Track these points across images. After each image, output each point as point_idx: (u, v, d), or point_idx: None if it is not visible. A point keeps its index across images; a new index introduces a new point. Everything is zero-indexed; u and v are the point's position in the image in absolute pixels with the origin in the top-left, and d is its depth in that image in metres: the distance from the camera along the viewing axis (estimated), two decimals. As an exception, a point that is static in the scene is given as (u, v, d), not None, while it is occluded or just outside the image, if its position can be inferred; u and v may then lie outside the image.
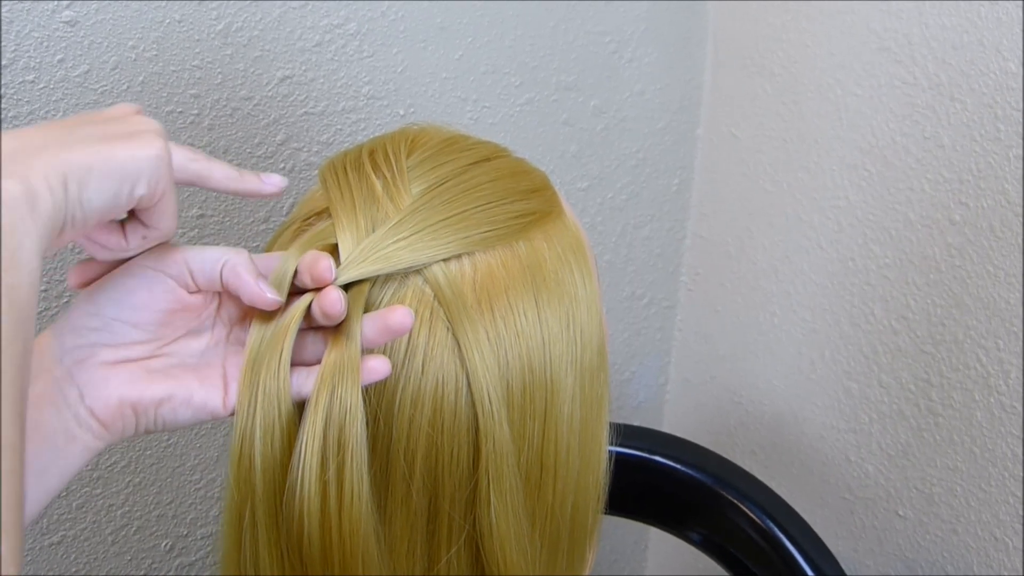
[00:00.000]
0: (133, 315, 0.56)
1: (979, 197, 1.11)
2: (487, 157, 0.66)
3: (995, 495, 1.17)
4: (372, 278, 0.58)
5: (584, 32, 1.25)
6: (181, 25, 0.93)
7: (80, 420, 0.55)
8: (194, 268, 0.57)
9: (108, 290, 0.56)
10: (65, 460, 0.55)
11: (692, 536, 1.18)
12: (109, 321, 0.56)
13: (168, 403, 0.57)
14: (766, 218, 1.39)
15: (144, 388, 0.56)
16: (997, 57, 1.07)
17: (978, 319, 1.14)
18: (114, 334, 0.56)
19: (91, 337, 0.55)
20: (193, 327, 0.60)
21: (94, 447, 0.56)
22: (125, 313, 0.56)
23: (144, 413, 0.57)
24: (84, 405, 0.55)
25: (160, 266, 0.57)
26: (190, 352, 0.60)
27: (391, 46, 1.08)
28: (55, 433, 0.54)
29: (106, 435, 0.56)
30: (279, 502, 0.57)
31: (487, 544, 0.61)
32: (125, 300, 0.56)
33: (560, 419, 0.63)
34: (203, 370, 0.59)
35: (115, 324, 0.56)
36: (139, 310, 0.56)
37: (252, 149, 1.01)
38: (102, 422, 0.56)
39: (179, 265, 0.57)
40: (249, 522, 0.58)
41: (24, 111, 0.86)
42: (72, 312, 0.56)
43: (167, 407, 0.57)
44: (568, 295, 0.63)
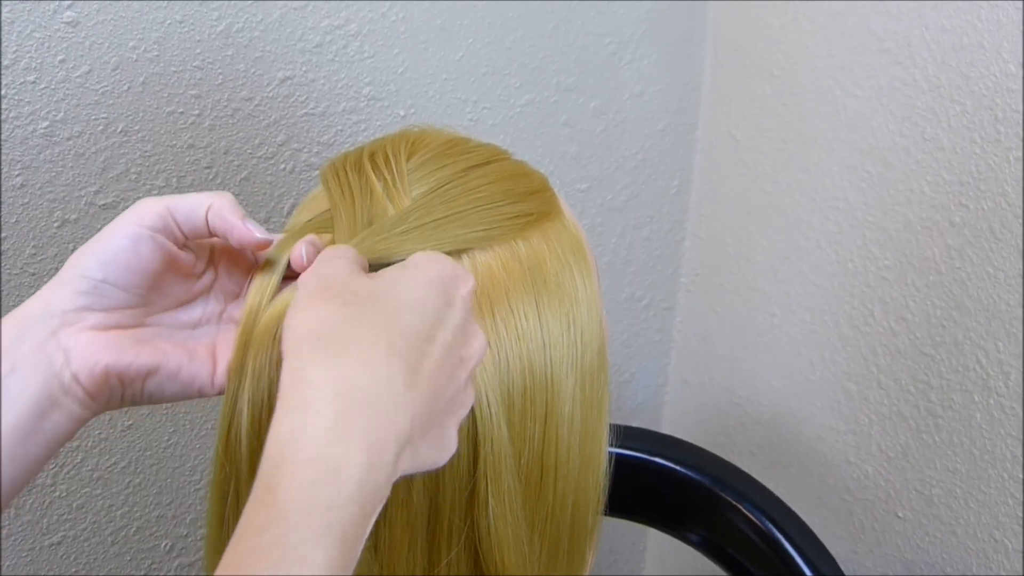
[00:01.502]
0: (121, 277, 0.55)
1: (979, 199, 1.11)
2: (487, 160, 0.66)
3: (994, 497, 1.17)
4: None
5: (584, 33, 1.25)
6: (182, 26, 0.93)
7: (65, 387, 0.54)
8: (179, 217, 0.56)
9: (95, 253, 0.55)
10: (51, 427, 0.54)
11: (691, 537, 1.18)
12: (97, 284, 0.54)
13: (155, 375, 0.56)
14: (765, 219, 1.39)
15: (132, 357, 0.55)
16: (997, 59, 1.07)
17: (978, 321, 1.14)
18: (103, 297, 0.55)
19: (79, 300, 0.54)
20: (184, 298, 0.60)
21: (80, 416, 0.55)
22: (113, 275, 0.55)
23: (130, 384, 0.56)
24: (69, 370, 0.54)
25: (144, 221, 0.55)
26: (181, 325, 0.59)
27: (392, 47, 1.08)
28: (40, 398, 0.53)
29: (92, 404, 0.55)
30: None
31: (485, 545, 0.61)
32: (112, 262, 0.54)
33: (560, 421, 0.63)
34: (193, 346, 0.59)
35: (103, 287, 0.54)
36: (127, 272, 0.55)
37: (253, 150, 1.01)
38: (87, 390, 0.54)
39: (163, 217, 0.56)
40: (232, 500, 0.58)
41: (25, 111, 0.87)
42: (61, 275, 0.55)
43: (154, 380, 0.56)
44: (569, 297, 0.63)
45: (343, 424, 0.45)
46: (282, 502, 0.43)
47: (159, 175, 0.96)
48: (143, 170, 0.95)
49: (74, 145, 0.90)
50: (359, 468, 0.44)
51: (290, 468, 0.43)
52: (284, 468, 0.43)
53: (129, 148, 0.93)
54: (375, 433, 0.46)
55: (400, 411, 0.47)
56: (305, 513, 0.42)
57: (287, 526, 0.42)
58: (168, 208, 0.56)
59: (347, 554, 0.44)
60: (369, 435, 0.45)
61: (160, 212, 0.55)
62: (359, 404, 0.46)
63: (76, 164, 0.91)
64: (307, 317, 0.49)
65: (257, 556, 0.41)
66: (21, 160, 0.88)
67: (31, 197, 0.89)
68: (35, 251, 0.91)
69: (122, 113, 0.92)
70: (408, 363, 0.49)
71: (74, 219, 0.92)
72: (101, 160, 0.92)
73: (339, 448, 0.44)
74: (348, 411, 0.45)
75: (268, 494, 0.43)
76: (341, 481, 0.44)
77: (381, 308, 0.50)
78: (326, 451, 0.44)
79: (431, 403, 0.50)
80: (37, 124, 0.88)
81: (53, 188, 0.90)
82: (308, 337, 0.48)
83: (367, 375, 0.47)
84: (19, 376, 0.53)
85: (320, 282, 0.52)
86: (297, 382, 0.46)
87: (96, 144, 0.91)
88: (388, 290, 0.52)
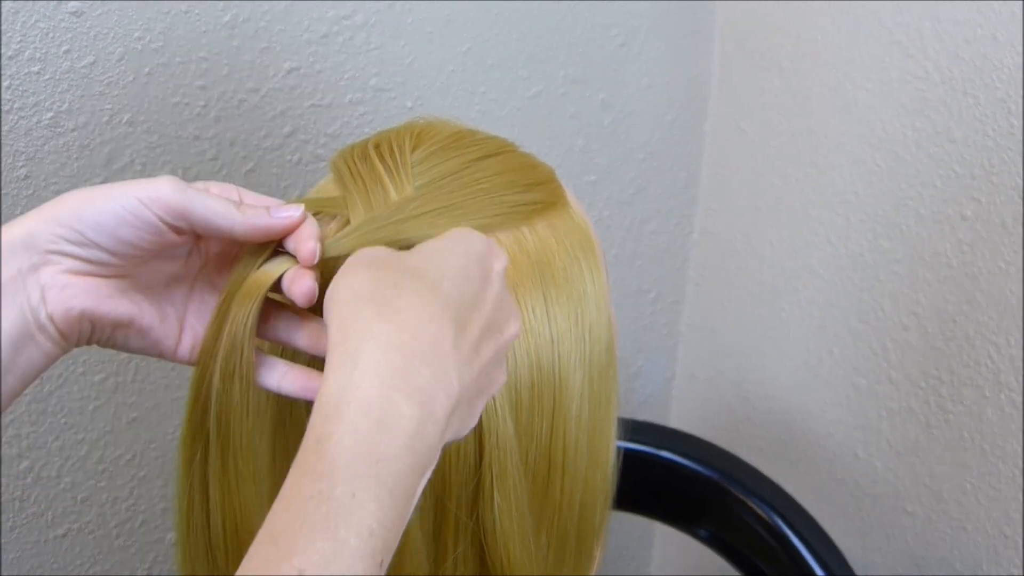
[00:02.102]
0: (114, 245, 0.54)
1: (991, 193, 1.11)
2: (493, 151, 0.66)
3: (1005, 492, 1.17)
4: None
5: (592, 26, 1.25)
6: (187, 16, 0.92)
7: (40, 324, 0.53)
8: (194, 219, 0.55)
9: (96, 212, 0.53)
10: (24, 361, 0.53)
11: (698, 532, 1.19)
12: (89, 242, 0.53)
13: (125, 328, 0.56)
14: (774, 213, 1.39)
15: (108, 307, 0.55)
16: (1010, 52, 1.06)
17: (989, 315, 1.14)
18: (90, 252, 0.54)
19: (65, 247, 0.53)
20: (167, 262, 0.59)
21: (51, 353, 0.55)
22: (107, 242, 0.54)
23: (101, 329, 0.56)
24: (45, 310, 0.53)
25: (156, 208, 0.54)
26: (158, 275, 0.58)
27: (398, 38, 1.07)
28: (18, 332, 0.52)
29: (63, 343, 0.55)
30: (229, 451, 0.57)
31: (490, 542, 0.60)
32: (110, 233, 0.53)
33: (568, 416, 0.62)
34: (165, 306, 0.58)
35: (93, 248, 0.54)
36: (122, 243, 0.54)
37: (259, 141, 1.01)
38: (60, 330, 0.54)
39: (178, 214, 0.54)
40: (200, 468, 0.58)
41: (29, 102, 0.86)
42: (54, 207, 0.54)
43: (122, 331, 0.56)
44: (577, 292, 0.63)
45: (395, 377, 0.45)
46: (333, 453, 0.43)
47: (164, 166, 0.95)
48: (148, 161, 0.94)
49: (79, 136, 0.90)
50: (411, 421, 0.45)
51: (342, 420, 0.44)
52: (335, 420, 0.44)
53: (134, 139, 0.93)
54: (427, 387, 0.46)
55: (451, 369, 0.47)
56: (356, 464, 0.43)
57: (338, 477, 0.42)
58: (186, 207, 0.54)
59: (399, 510, 0.44)
60: (421, 388, 0.45)
61: (176, 208, 0.54)
62: (411, 357, 0.46)
63: (81, 155, 0.91)
64: (354, 281, 0.49)
65: (310, 505, 0.42)
66: (25, 151, 0.87)
67: (35, 188, 0.89)
68: (39, 243, 0.91)
69: (127, 104, 0.92)
70: (457, 322, 0.49)
71: (79, 211, 0.92)
72: (106, 151, 0.92)
73: (391, 400, 0.44)
74: (400, 364, 0.45)
75: (318, 445, 0.43)
76: (394, 434, 0.44)
77: (424, 275, 0.50)
78: (378, 403, 0.44)
79: (474, 372, 0.50)
80: (42, 115, 0.87)
81: (58, 179, 0.90)
82: (356, 299, 0.48)
83: (419, 331, 0.47)
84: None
85: (362, 257, 0.52)
86: (347, 338, 0.46)
87: (101, 135, 0.91)
88: (429, 260, 0.52)
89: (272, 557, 0.41)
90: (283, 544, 0.41)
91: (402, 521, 0.45)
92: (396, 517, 0.44)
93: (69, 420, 0.99)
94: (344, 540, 0.41)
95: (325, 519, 0.41)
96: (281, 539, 0.42)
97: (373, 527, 0.42)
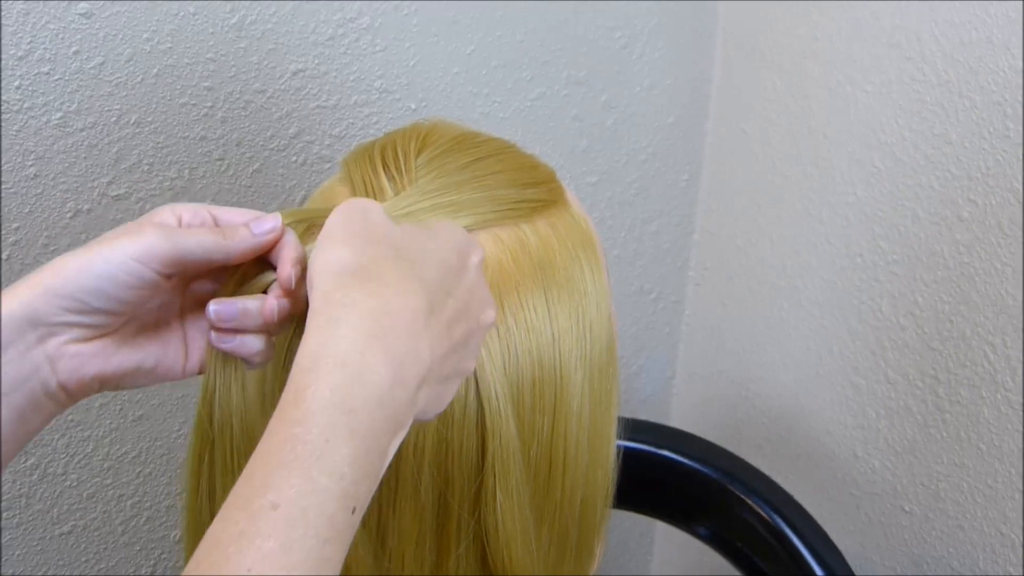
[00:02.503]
0: (116, 307, 0.54)
1: (987, 194, 1.11)
2: (494, 151, 0.66)
3: (1001, 491, 1.17)
4: None
5: (595, 27, 1.25)
6: (195, 18, 0.93)
7: (50, 394, 0.54)
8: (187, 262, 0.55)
9: (94, 283, 0.53)
10: (26, 428, 0.54)
11: (698, 530, 1.19)
12: (93, 310, 0.54)
13: (132, 375, 0.57)
14: (774, 213, 1.39)
15: (117, 362, 0.56)
16: (1006, 54, 1.07)
17: (986, 316, 1.15)
18: (94, 319, 0.54)
19: (70, 318, 0.53)
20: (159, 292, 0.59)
21: (55, 413, 0.56)
22: (110, 305, 0.54)
23: (109, 383, 0.57)
24: (56, 379, 0.54)
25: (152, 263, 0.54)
26: (151, 313, 0.58)
27: (403, 40, 1.08)
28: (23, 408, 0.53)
29: (70, 403, 0.56)
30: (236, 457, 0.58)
31: (492, 541, 0.61)
32: (111, 295, 0.53)
33: (569, 414, 0.63)
34: (163, 333, 0.59)
35: (98, 314, 0.54)
36: (123, 303, 0.54)
37: (265, 142, 1.01)
38: (71, 395, 0.55)
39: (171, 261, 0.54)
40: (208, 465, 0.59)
41: (39, 103, 0.87)
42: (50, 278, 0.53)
43: (130, 378, 0.57)
44: (578, 291, 0.63)
45: (372, 339, 0.47)
46: (310, 401, 0.45)
47: (171, 166, 0.96)
48: (156, 161, 0.95)
49: (87, 136, 0.91)
50: (384, 379, 0.46)
51: (319, 372, 0.46)
52: (313, 372, 0.46)
53: (142, 139, 0.94)
54: (399, 355, 0.48)
55: (423, 342, 0.49)
56: (330, 411, 0.45)
57: (313, 421, 0.44)
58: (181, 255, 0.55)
59: (371, 463, 0.46)
60: (395, 354, 0.47)
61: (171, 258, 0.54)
62: (387, 327, 0.48)
63: (89, 155, 0.91)
64: (337, 253, 0.51)
65: (286, 447, 0.44)
66: (35, 151, 0.88)
67: (44, 187, 0.90)
68: (48, 241, 0.92)
69: (135, 104, 0.92)
70: (431, 303, 0.51)
71: (87, 209, 0.93)
72: (114, 151, 0.93)
73: (365, 359, 0.46)
74: (376, 330, 0.47)
75: (296, 395, 0.45)
76: (367, 389, 0.46)
77: (406, 255, 0.52)
78: (354, 359, 0.46)
79: (443, 350, 0.51)
80: (51, 115, 0.88)
81: (66, 179, 0.91)
82: (339, 271, 0.50)
83: (396, 303, 0.49)
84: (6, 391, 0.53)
85: (347, 227, 0.53)
86: (329, 304, 0.48)
87: (109, 135, 0.92)
88: (411, 242, 0.53)
89: (248, 493, 0.43)
90: (258, 481, 0.43)
91: (374, 477, 0.46)
92: (367, 468, 0.45)
93: (75, 417, 0.99)
94: (316, 479, 0.43)
95: (299, 460, 0.43)
96: (257, 477, 0.43)
97: (344, 471, 0.44)
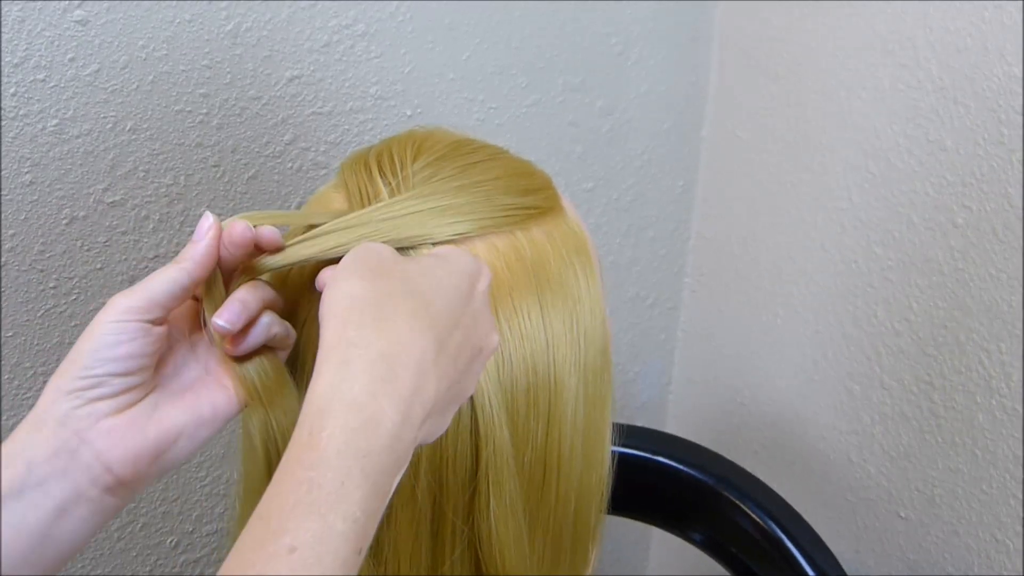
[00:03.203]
0: (124, 366, 0.54)
1: (982, 200, 1.12)
2: (489, 157, 0.66)
3: (996, 497, 1.17)
4: None
5: (591, 33, 1.25)
6: (191, 25, 0.93)
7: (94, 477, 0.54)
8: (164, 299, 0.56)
9: (91, 350, 0.54)
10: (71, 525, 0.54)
11: (694, 536, 1.19)
12: (102, 379, 0.54)
13: (183, 434, 0.57)
14: (770, 219, 1.40)
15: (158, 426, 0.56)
16: (1000, 61, 1.07)
17: (980, 322, 1.15)
18: (111, 387, 0.54)
19: (87, 395, 0.54)
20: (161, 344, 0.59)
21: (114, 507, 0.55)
22: (114, 366, 0.54)
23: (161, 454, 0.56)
24: (100, 463, 0.54)
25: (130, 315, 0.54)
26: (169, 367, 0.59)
27: (399, 47, 1.08)
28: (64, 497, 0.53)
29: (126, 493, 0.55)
30: None
31: (485, 547, 0.61)
32: (110, 355, 0.54)
33: (563, 420, 0.63)
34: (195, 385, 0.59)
35: (108, 379, 0.54)
36: (129, 360, 0.54)
37: (260, 148, 1.01)
38: (122, 480, 0.54)
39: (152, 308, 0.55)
40: None
41: (35, 109, 0.87)
42: (61, 377, 0.54)
43: (185, 439, 0.57)
44: (572, 297, 0.63)
45: (383, 383, 0.48)
46: (324, 445, 0.46)
47: (167, 173, 0.96)
48: (151, 168, 0.95)
49: (83, 143, 0.91)
50: (394, 423, 0.47)
51: (334, 415, 0.46)
52: (327, 415, 0.47)
53: (138, 146, 0.94)
54: (409, 395, 0.49)
55: (430, 380, 0.50)
56: (346, 456, 0.45)
57: (328, 465, 0.45)
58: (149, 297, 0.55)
59: (378, 502, 0.47)
60: (404, 395, 0.48)
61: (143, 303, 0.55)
62: (397, 368, 0.49)
63: (85, 162, 0.91)
64: (350, 289, 0.52)
65: (301, 489, 0.44)
66: (31, 157, 0.88)
67: (40, 194, 0.90)
68: (43, 248, 0.92)
69: (131, 111, 0.92)
70: (439, 341, 0.52)
71: (82, 216, 0.93)
72: (110, 158, 0.93)
73: (378, 402, 0.47)
74: (388, 372, 0.48)
75: (311, 437, 0.46)
76: (379, 432, 0.47)
77: (417, 291, 0.53)
78: (366, 403, 0.47)
79: (448, 383, 0.53)
80: (47, 122, 0.88)
81: (62, 185, 0.91)
82: (352, 306, 0.51)
83: (407, 345, 0.50)
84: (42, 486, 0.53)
85: (359, 261, 0.54)
86: (340, 341, 0.49)
87: (105, 142, 0.92)
88: (423, 276, 0.54)
89: (263, 535, 0.44)
90: (275, 524, 0.44)
91: (378, 515, 0.47)
92: (375, 509, 0.47)
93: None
94: (332, 524, 0.44)
95: (315, 504, 0.44)
96: (273, 519, 0.44)
97: (357, 514, 0.45)
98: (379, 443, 0.47)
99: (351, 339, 0.49)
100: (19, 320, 0.93)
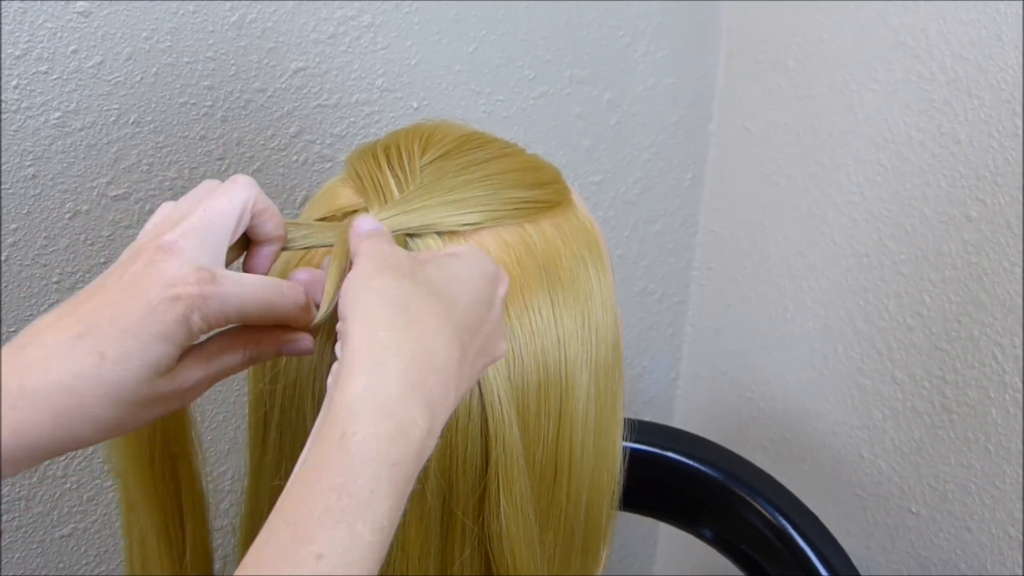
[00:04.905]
0: None
1: (996, 194, 1.11)
2: (498, 151, 0.66)
3: (1009, 493, 1.17)
4: None
5: (598, 26, 1.25)
6: (195, 16, 0.92)
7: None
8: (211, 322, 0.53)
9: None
10: None
11: (703, 532, 1.18)
12: None
13: None
14: (779, 213, 1.39)
15: None
16: (1016, 52, 1.06)
17: (994, 316, 1.14)
18: None
19: None
20: None
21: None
22: None
23: None
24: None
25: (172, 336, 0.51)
26: None
27: (405, 38, 1.07)
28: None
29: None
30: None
31: (496, 547, 0.60)
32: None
33: (575, 417, 0.62)
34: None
35: None
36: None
37: (265, 141, 1.01)
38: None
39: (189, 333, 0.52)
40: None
41: (37, 102, 0.86)
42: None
43: None
44: (583, 293, 0.63)
45: (413, 389, 0.47)
46: (355, 451, 0.45)
47: (171, 166, 0.96)
48: (155, 161, 0.95)
49: (86, 136, 0.90)
50: (422, 431, 0.47)
51: (365, 420, 0.46)
52: (359, 419, 0.46)
53: (141, 139, 0.93)
54: (435, 402, 0.48)
55: (452, 387, 0.50)
56: (377, 464, 0.45)
57: (359, 472, 0.44)
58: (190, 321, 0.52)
59: (399, 511, 0.46)
60: (431, 401, 0.48)
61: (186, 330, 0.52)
62: (427, 373, 0.48)
63: (88, 155, 0.91)
64: (378, 284, 0.51)
65: (331, 496, 0.44)
66: (33, 151, 0.88)
67: (43, 188, 0.89)
68: (46, 242, 0.91)
69: (134, 104, 0.92)
70: (463, 346, 0.51)
71: (86, 210, 0.92)
72: (113, 151, 0.92)
73: (409, 411, 0.47)
74: (418, 378, 0.48)
75: (343, 441, 0.45)
76: (408, 441, 0.46)
77: (438, 290, 0.52)
78: (399, 410, 0.46)
79: (465, 389, 0.52)
80: (49, 114, 0.88)
81: (65, 179, 0.90)
82: (380, 303, 0.50)
83: (435, 348, 0.49)
84: None
85: (380, 257, 0.53)
86: (372, 342, 0.48)
87: (108, 135, 0.91)
88: (449, 280, 0.53)
89: (289, 540, 0.43)
90: (302, 529, 0.43)
91: (397, 521, 0.47)
92: (397, 518, 0.46)
93: (76, 419, 0.99)
94: (360, 533, 0.43)
95: (345, 511, 0.43)
96: (300, 524, 0.43)
97: (384, 524, 0.44)
98: (409, 452, 0.46)
99: (382, 341, 0.48)
100: (22, 315, 0.92)
